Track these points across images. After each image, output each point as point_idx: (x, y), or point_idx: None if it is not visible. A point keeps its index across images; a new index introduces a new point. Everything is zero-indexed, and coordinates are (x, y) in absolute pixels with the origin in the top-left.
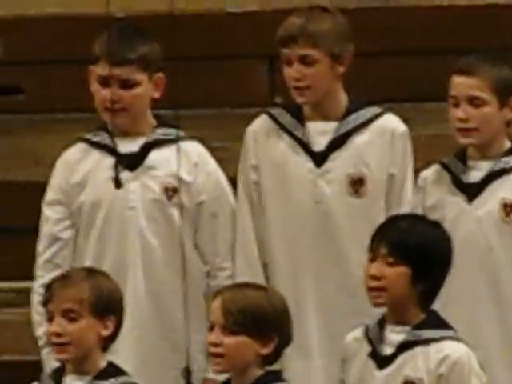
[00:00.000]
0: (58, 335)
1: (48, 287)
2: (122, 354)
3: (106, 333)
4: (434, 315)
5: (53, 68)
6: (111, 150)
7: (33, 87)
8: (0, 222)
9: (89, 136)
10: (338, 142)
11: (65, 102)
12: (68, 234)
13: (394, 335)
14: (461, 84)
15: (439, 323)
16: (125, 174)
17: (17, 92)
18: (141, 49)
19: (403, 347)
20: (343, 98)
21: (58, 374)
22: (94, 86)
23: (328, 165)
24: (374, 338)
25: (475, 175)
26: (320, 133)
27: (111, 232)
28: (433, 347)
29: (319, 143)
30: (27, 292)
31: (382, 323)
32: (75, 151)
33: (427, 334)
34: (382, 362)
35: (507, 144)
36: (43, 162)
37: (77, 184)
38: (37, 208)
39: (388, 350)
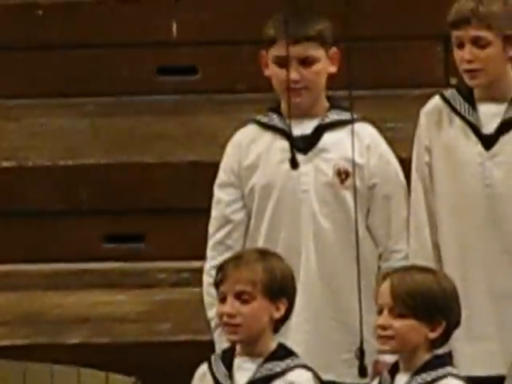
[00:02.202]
0: (231, 316)
1: (220, 268)
2: (293, 336)
3: (277, 315)
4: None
5: (227, 48)
6: (283, 132)
7: (208, 67)
8: (184, 201)
9: (261, 118)
10: (507, 125)
11: (239, 83)
12: (239, 216)
13: None
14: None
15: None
16: (298, 157)
17: (192, 72)
18: (316, 25)
19: None
20: None
21: (228, 355)
22: (271, 69)
23: (497, 148)
24: None
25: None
26: (491, 116)
27: (284, 215)
28: None
29: (489, 126)
30: (201, 272)
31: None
32: (247, 133)
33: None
34: None
35: None
36: (218, 142)
37: (249, 166)
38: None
39: None
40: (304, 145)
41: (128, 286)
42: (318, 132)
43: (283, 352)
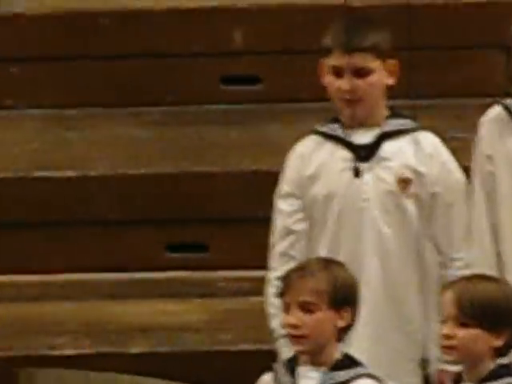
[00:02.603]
0: (295, 327)
1: (284, 278)
2: (356, 345)
3: (342, 324)
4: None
5: (291, 58)
6: (344, 142)
7: (271, 77)
8: (247, 211)
9: (321, 128)
10: None
11: (301, 92)
12: (301, 226)
13: None
14: None
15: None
16: (359, 166)
17: (255, 82)
18: (373, 37)
19: None
20: None
21: (292, 364)
22: (328, 78)
23: None
24: None
25: None
26: None
27: (346, 224)
28: None
29: None
30: (264, 280)
31: None
32: (308, 143)
33: None
34: None
35: None
36: (280, 152)
37: (310, 176)
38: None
39: None
40: (365, 153)
41: (190, 296)
42: (379, 141)
43: (348, 361)
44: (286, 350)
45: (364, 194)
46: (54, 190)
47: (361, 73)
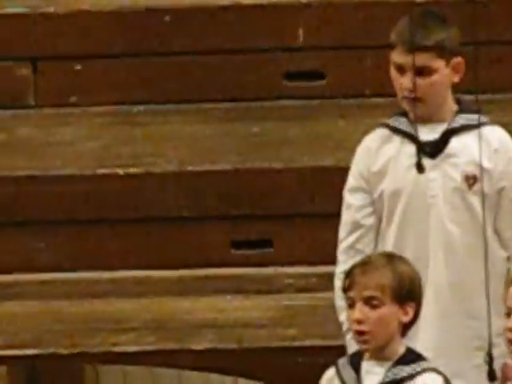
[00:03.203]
0: (360, 322)
1: (348, 274)
2: (422, 341)
3: (406, 319)
4: None
5: (355, 53)
6: (411, 137)
7: (335, 72)
8: (310, 206)
9: (390, 122)
10: None
11: (366, 87)
12: (370, 220)
13: None
14: None
15: None
16: (426, 162)
17: (319, 77)
18: (437, 35)
19: None
20: None
21: (356, 359)
22: (393, 73)
23: None
24: None
25: None
26: None
27: (412, 220)
28: None
29: None
30: (330, 276)
31: None
32: (376, 137)
33: None
34: None
35: None
36: (344, 147)
37: (378, 171)
38: (339, 193)
39: None
40: (432, 150)
41: (255, 292)
42: (446, 137)
43: (412, 356)
44: (353, 344)
45: (431, 191)
46: (120, 187)
47: (423, 72)
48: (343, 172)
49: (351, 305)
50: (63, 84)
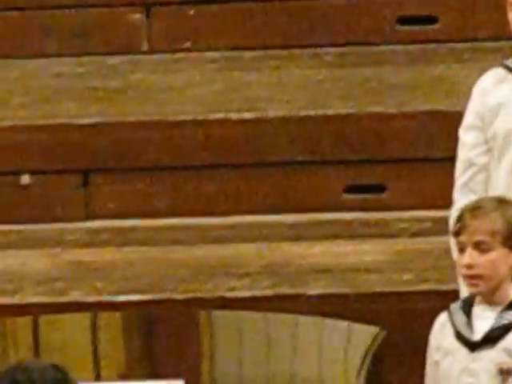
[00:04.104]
0: (470, 267)
1: (458, 219)
2: None
3: None
4: None
5: None
6: None
7: (448, 16)
8: (423, 151)
9: (509, 62)
10: None
11: (480, 31)
12: (483, 159)
13: None
14: None
15: None
16: None
17: (432, 21)
18: None
19: None
20: None
21: (468, 303)
22: (509, 14)
23: None
24: None
25: None
26: None
27: None
28: None
29: None
30: (444, 221)
31: None
32: (492, 74)
33: None
34: None
35: None
36: (458, 92)
37: (491, 109)
38: (454, 137)
39: None
40: None
41: (369, 236)
42: None
43: None
44: (465, 289)
45: None
46: (233, 132)
47: None
48: (457, 116)
49: (462, 249)
50: (176, 29)
